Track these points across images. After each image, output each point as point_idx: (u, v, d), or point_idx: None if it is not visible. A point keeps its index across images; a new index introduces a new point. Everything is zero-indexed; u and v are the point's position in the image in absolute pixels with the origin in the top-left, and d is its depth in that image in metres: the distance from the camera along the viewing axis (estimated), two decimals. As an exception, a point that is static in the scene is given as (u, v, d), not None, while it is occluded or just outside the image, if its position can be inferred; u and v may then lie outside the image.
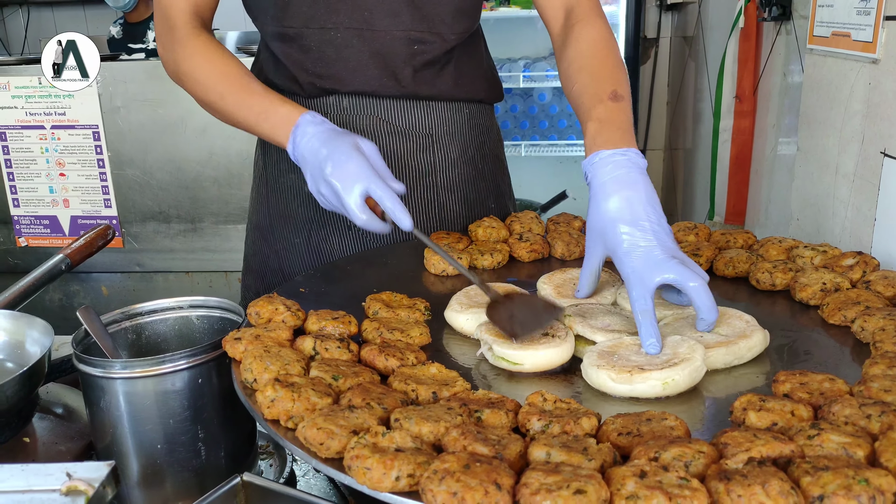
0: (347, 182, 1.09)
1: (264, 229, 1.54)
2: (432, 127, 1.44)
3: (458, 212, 1.51)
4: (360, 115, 1.41)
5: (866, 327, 1.01)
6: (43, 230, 2.99)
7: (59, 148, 2.87)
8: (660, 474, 0.65)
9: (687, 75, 3.96)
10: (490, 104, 1.56)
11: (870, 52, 1.43)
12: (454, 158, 1.48)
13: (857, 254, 1.21)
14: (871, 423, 0.75)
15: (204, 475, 1.01)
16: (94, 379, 0.97)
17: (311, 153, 1.15)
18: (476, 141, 1.52)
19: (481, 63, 1.49)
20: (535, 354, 0.96)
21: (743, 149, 2.80)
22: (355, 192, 1.09)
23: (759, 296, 1.20)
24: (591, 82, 1.20)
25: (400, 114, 1.42)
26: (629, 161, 1.06)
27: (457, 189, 1.50)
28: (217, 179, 2.86)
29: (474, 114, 1.50)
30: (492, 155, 1.57)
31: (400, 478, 0.67)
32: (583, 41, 1.28)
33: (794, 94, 2.35)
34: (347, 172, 1.10)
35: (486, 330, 1.01)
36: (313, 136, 1.16)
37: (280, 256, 1.52)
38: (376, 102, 1.40)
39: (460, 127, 1.48)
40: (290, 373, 0.87)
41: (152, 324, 1.16)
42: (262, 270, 1.56)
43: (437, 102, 1.43)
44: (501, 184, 1.62)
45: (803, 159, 1.75)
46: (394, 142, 1.43)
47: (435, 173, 1.47)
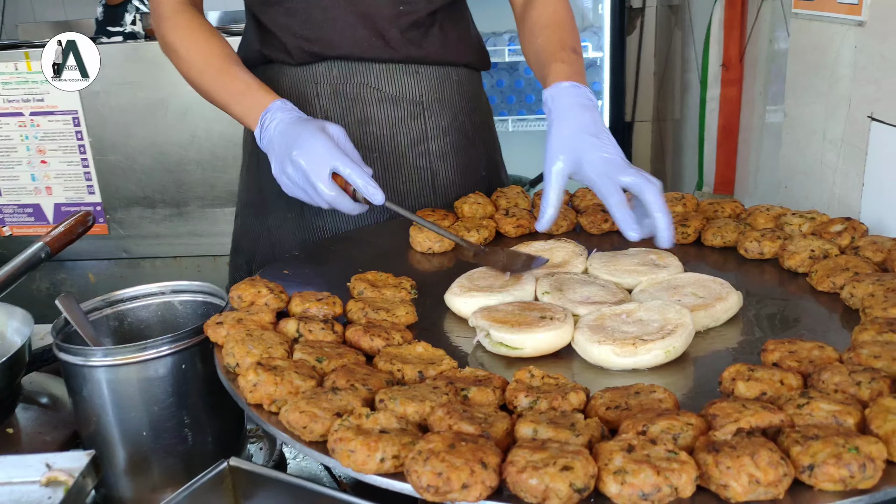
0: (314, 160, 1.11)
1: (256, 206, 1.54)
2: (422, 94, 1.44)
3: (452, 179, 1.51)
4: (350, 82, 1.41)
5: (855, 293, 1.00)
6: (27, 219, 2.95)
7: (38, 135, 2.82)
8: (648, 448, 0.64)
9: (674, 45, 3.92)
10: (478, 71, 1.56)
11: (855, 14, 1.41)
12: (445, 126, 1.48)
13: (846, 220, 1.20)
14: (861, 390, 0.74)
15: (191, 461, 1.00)
16: (76, 368, 0.96)
17: (279, 136, 1.17)
18: (466, 108, 1.52)
19: (468, 30, 1.50)
20: (535, 337, 0.93)
21: (730, 118, 2.78)
22: (324, 170, 1.10)
23: (747, 265, 1.19)
24: (556, 36, 1.30)
25: (390, 80, 1.42)
26: (591, 95, 1.19)
27: (448, 156, 1.50)
28: (201, 162, 2.82)
29: (463, 81, 1.50)
30: (482, 123, 1.58)
31: (385, 459, 0.66)
32: (543, 8, 1.36)
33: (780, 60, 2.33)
34: (314, 151, 1.11)
35: (482, 316, 0.98)
36: (281, 121, 1.18)
37: (271, 233, 1.51)
38: (366, 69, 1.40)
39: (450, 94, 1.48)
40: (272, 356, 0.86)
41: (134, 310, 1.14)
42: (252, 249, 1.55)
43: (425, 67, 1.43)
44: (493, 152, 1.62)
45: (790, 126, 1.74)
46: (384, 110, 1.43)
47: (427, 141, 1.47)
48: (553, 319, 0.96)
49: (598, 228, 1.34)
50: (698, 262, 1.21)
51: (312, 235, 1.47)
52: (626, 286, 1.10)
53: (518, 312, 0.98)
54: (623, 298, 1.05)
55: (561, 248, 1.22)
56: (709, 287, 1.04)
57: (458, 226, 1.34)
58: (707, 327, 0.98)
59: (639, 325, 0.93)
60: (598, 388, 0.81)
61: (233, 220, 1.64)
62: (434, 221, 1.34)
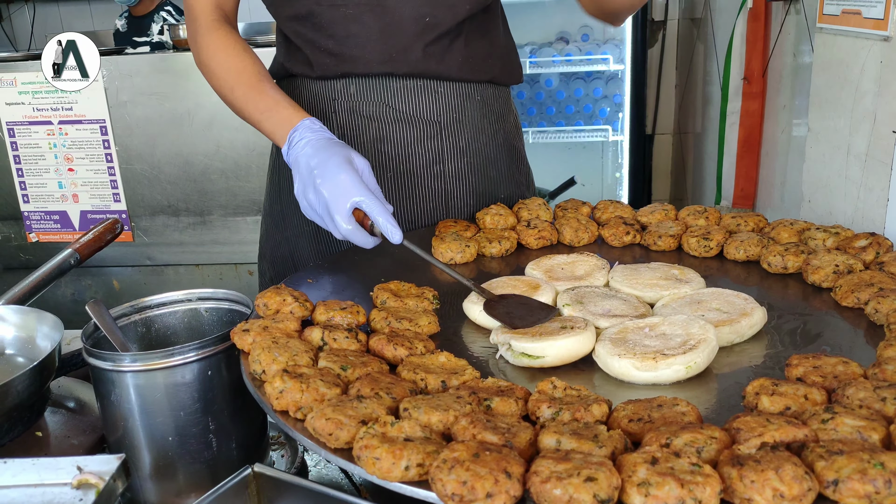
0: (337, 192, 1.11)
1: (276, 216, 1.56)
2: (440, 113, 1.44)
3: (466, 201, 1.50)
4: (367, 101, 1.41)
5: (880, 309, 1.00)
6: (53, 225, 3.00)
7: (66, 143, 2.87)
8: (671, 460, 0.64)
9: (695, 58, 3.92)
10: (505, 87, 1.54)
11: (881, 29, 1.40)
12: (463, 146, 1.47)
13: (870, 235, 1.20)
14: (887, 406, 0.74)
15: (216, 467, 1.02)
16: (105, 373, 0.97)
17: (304, 158, 1.17)
18: (489, 129, 1.50)
19: (496, 42, 1.47)
20: (556, 345, 0.93)
21: (752, 131, 2.77)
22: (345, 203, 1.11)
23: (770, 279, 1.19)
24: None
25: (407, 99, 1.42)
26: None
27: (465, 178, 1.49)
28: (225, 172, 2.86)
29: (488, 100, 1.48)
30: (507, 144, 1.55)
31: (409, 467, 0.67)
32: None
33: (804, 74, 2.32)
34: (338, 183, 1.11)
35: (503, 330, 0.99)
36: (309, 143, 1.18)
37: (290, 243, 1.53)
38: (384, 88, 1.40)
39: (471, 113, 1.46)
40: (298, 364, 0.87)
41: (161, 317, 1.16)
42: (273, 257, 1.58)
43: (445, 84, 1.42)
44: (517, 174, 1.59)
45: (814, 140, 1.73)
46: (400, 129, 1.43)
47: (443, 161, 1.46)
48: (574, 328, 0.96)
49: (619, 241, 1.34)
50: (721, 275, 1.21)
51: (329, 247, 1.49)
52: (647, 300, 1.10)
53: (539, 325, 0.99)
54: (644, 312, 1.05)
55: (583, 262, 1.23)
56: (733, 302, 1.04)
57: (481, 237, 1.35)
58: (732, 343, 0.98)
59: (661, 340, 0.93)
60: (620, 401, 0.81)
61: (256, 229, 1.67)
62: (457, 232, 1.35)
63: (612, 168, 4.50)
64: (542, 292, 1.10)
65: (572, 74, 4.14)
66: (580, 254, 1.26)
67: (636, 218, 1.41)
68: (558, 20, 4.15)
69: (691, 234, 1.30)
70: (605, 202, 1.45)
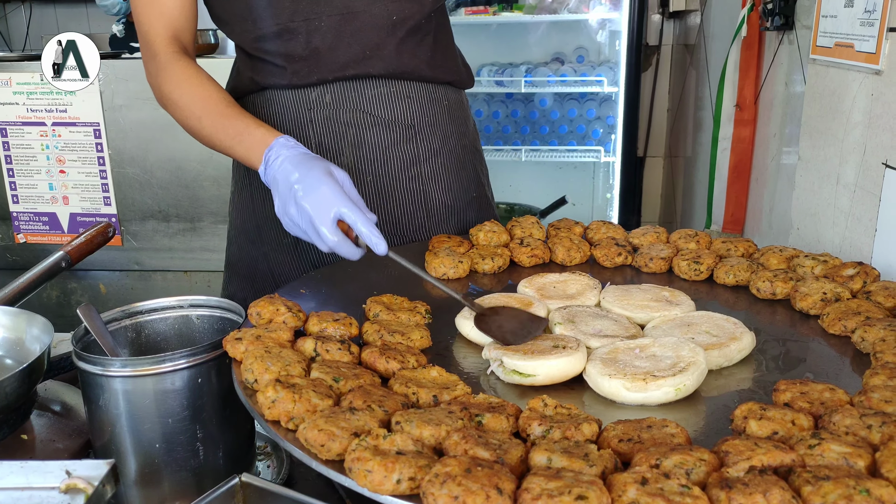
0: (320, 204, 1.09)
1: (250, 232, 1.55)
2: (413, 118, 1.48)
3: (443, 201, 1.54)
4: (343, 108, 1.43)
5: (867, 337, 1.01)
6: (42, 227, 2.98)
7: (59, 145, 2.86)
8: (661, 481, 0.65)
9: (688, 83, 3.97)
10: (462, 90, 1.60)
11: (873, 63, 1.43)
12: (436, 148, 1.52)
13: (858, 264, 1.22)
14: (872, 434, 0.75)
15: (202, 475, 1.01)
16: (94, 377, 0.97)
17: (283, 175, 1.15)
18: (456, 132, 1.56)
19: (451, 44, 1.55)
20: (547, 364, 0.93)
21: (742, 157, 2.80)
22: (328, 215, 1.09)
23: (759, 304, 1.20)
24: None
25: (381, 104, 1.45)
26: None
27: (440, 179, 1.53)
28: (217, 179, 2.85)
29: (452, 105, 1.55)
30: (471, 146, 1.62)
31: (401, 480, 0.67)
32: None
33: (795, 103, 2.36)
34: (320, 196, 1.10)
35: (495, 346, 0.99)
36: (286, 159, 1.17)
37: (269, 259, 1.52)
38: (358, 93, 1.43)
39: (440, 117, 1.52)
40: (290, 374, 0.87)
41: (152, 322, 1.16)
42: (250, 274, 1.56)
43: (416, 85, 1.47)
44: (480, 174, 1.66)
45: (804, 169, 1.76)
46: (377, 134, 1.46)
47: (419, 164, 1.50)
48: (565, 348, 0.97)
49: (611, 262, 1.36)
50: (710, 299, 1.23)
51: (311, 259, 1.49)
52: (638, 321, 1.11)
53: (531, 343, 1.00)
54: (635, 333, 1.06)
55: (574, 280, 1.24)
56: (722, 326, 1.05)
57: (474, 253, 1.36)
58: (720, 366, 0.99)
59: (651, 361, 0.94)
60: (609, 421, 0.82)
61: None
62: (450, 248, 1.36)
63: (602, 189, 4.53)
64: (534, 309, 1.11)
65: (566, 95, 4.18)
66: (572, 273, 1.27)
67: (628, 239, 1.42)
68: (555, 41, 4.19)
69: (682, 257, 1.31)
70: (598, 223, 1.47)
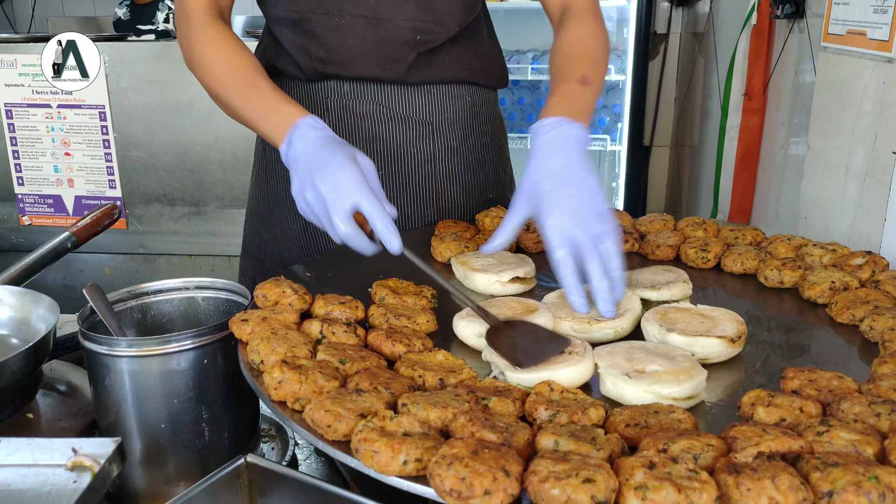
0: (337, 191, 1.03)
1: (262, 213, 1.54)
2: (432, 114, 1.44)
3: (456, 201, 1.51)
4: (360, 100, 1.41)
5: (875, 326, 1.01)
6: (47, 209, 2.98)
7: (64, 127, 2.86)
8: (669, 466, 0.64)
9: (696, 72, 3.94)
10: (493, 90, 1.54)
11: (885, 50, 1.42)
12: (454, 147, 1.48)
13: (867, 253, 1.21)
14: (881, 422, 0.75)
15: (207, 456, 1.01)
16: (100, 357, 0.97)
17: (305, 156, 1.09)
18: (478, 130, 1.51)
19: (482, 46, 1.47)
20: (554, 375, 0.88)
21: (750, 147, 2.79)
22: (344, 204, 1.02)
23: (766, 293, 1.20)
24: (566, 65, 1.25)
25: (400, 100, 1.42)
26: (575, 132, 1.10)
27: (455, 178, 1.50)
28: (222, 163, 2.85)
29: (477, 101, 1.50)
30: (494, 144, 1.57)
31: (408, 462, 0.67)
32: (572, 32, 1.32)
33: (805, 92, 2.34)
34: (339, 182, 1.03)
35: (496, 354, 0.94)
36: (310, 140, 1.11)
37: (278, 242, 1.52)
38: (377, 88, 1.40)
39: (461, 114, 1.47)
40: (297, 355, 0.87)
41: (158, 304, 1.16)
42: (260, 256, 1.56)
43: (437, 87, 1.43)
44: (502, 175, 1.61)
45: (813, 158, 1.75)
46: (393, 128, 1.43)
47: (434, 161, 1.47)
48: (572, 354, 0.92)
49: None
50: (717, 287, 1.22)
51: (317, 246, 1.48)
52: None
53: None
54: None
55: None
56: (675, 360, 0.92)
57: (479, 239, 1.35)
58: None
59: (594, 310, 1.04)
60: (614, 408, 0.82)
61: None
62: (456, 233, 1.36)
63: (608, 177, 4.52)
64: (538, 315, 1.04)
65: (573, 82, 4.15)
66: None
67: (635, 226, 1.41)
68: (561, 28, 4.16)
69: (689, 244, 1.31)
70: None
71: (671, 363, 0.89)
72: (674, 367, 0.88)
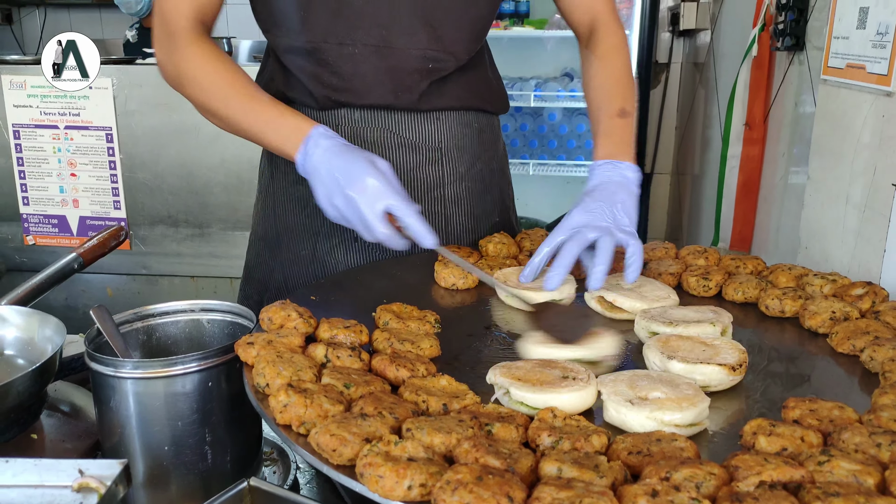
0: (369, 197, 1.11)
1: (270, 241, 1.54)
2: (441, 140, 1.46)
3: (464, 225, 1.53)
4: (371, 127, 1.42)
5: (875, 357, 1.01)
6: (51, 229, 3.00)
7: (71, 148, 2.88)
8: (671, 494, 0.65)
9: (697, 101, 3.98)
10: (495, 115, 1.58)
11: (884, 84, 1.44)
12: (462, 172, 1.50)
13: (867, 284, 1.22)
14: (882, 452, 0.75)
15: (209, 479, 1.02)
16: (106, 378, 0.98)
17: (325, 165, 1.15)
18: (485, 155, 1.54)
19: (486, 73, 1.53)
20: (559, 399, 0.89)
21: (751, 176, 2.81)
22: (377, 208, 1.11)
23: (767, 322, 1.20)
24: (605, 99, 1.38)
25: (410, 127, 1.44)
26: (627, 172, 1.26)
27: (463, 202, 1.52)
28: (227, 186, 2.87)
29: (483, 128, 1.53)
30: (498, 169, 1.60)
31: (412, 487, 0.67)
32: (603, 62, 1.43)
33: (804, 123, 2.36)
34: (368, 187, 1.11)
35: (501, 373, 0.94)
36: (327, 149, 1.16)
37: (284, 268, 1.52)
38: (388, 115, 1.42)
39: (469, 141, 1.50)
40: (302, 379, 0.88)
41: (163, 325, 1.17)
42: (265, 281, 1.56)
43: (447, 113, 1.46)
44: (506, 198, 1.64)
45: (813, 188, 1.76)
46: (403, 154, 1.45)
47: (443, 186, 1.49)
48: (576, 380, 0.92)
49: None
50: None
51: (325, 272, 1.49)
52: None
53: (539, 370, 0.95)
54: None
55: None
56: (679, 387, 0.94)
57: (482, 264, 1.36)
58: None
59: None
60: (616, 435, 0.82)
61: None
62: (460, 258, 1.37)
63: (609, 204, 4.53)
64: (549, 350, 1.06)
65: (575, 110, 4.20)
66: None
67: (637, 254, 1.42)
68: (564, 57, 4.22)
69: (691, 273, 1.32)
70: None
71: (674, 390, 0.89)
72: (677, 394, 0.88)
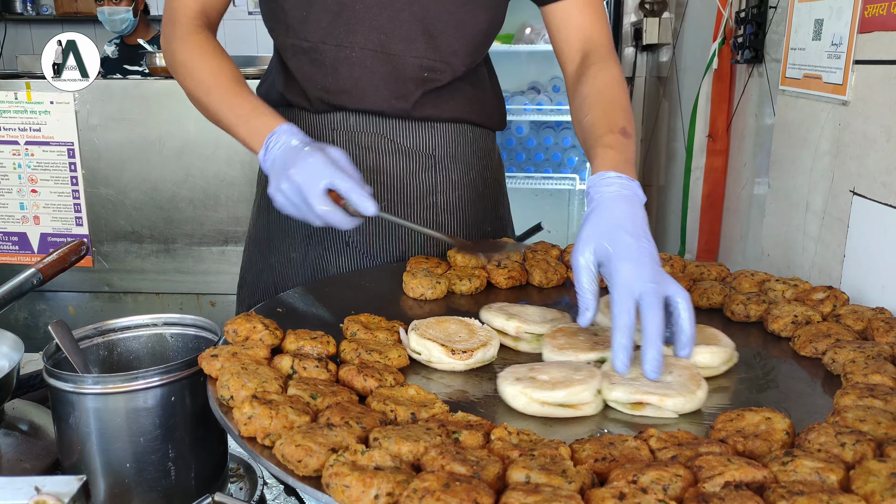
0: (308, 176, 1.09)
1: (261, 242, 1.55)
2: (435, 148, 1.47)
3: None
4: (366, 132, 1.43)
5: (837, 359, 1.03)
6: (11, 247, 2.93)
7: (32, 164, 2.83)
8: (639, 496, 0.65)
9: (661, 114, 4.04)
10: (492, 130, 1.58)
11: (840, 94, 1.48)
12: (455, 180, 1.51)
13: (828, 288, 1.24)
14: (845, 452, 0.76)
15: (173, 496, 0.99)
16: (65, 394, 0.95)
17: (280, 157, 1.15)
18: (479, 165, 1.54)
19: (485, 90, 1.52)
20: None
21: (715, 187, 2.85)
22: (316, 185, 1.08)
23: (732, 326, 1.22)
24: (604, 115, 1.24)
25: (405, 133, 1.44)
26: (635, 187, 1.10)
27: (456, 211, 1.52)
28: (192, 200, 2.84)
29: (477, 138, 1.53)
30: (493, 180, 1.60)
31: (379, 496, 0.66)
32: (599, 80, 1.30)
33: (765, 134, 2.41)
34: (308, 166, 1.10)
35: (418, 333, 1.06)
36: (284, 145, 1.17)
37: (275, 271, 1.52)
38: (382, 121, 1.43)
39: (463, 149, 1.50)
40: (267, 390, 0.86)
41: (125, 340, 1.14)
42: (255, 284, 1.56)
43: (440, 124, 1.46)
44: (500, 208, 1.65)
45: (774, 197, 1.79)
46: (397, 160, 1.45)
47: (436, 193, 1.49)
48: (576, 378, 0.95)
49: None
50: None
51: (315, 276, 1.48)
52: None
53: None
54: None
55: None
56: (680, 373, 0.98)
57: (451, 274, 1.36)
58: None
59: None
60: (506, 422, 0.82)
61: (221, 259, 1.65)
62: (428, 269, 1.36)
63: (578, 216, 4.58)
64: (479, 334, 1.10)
65: (542, 123, 4.24)
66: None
67: (604, 263, 1.43)
68: (532, 70, 4.26)
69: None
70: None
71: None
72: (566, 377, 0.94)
